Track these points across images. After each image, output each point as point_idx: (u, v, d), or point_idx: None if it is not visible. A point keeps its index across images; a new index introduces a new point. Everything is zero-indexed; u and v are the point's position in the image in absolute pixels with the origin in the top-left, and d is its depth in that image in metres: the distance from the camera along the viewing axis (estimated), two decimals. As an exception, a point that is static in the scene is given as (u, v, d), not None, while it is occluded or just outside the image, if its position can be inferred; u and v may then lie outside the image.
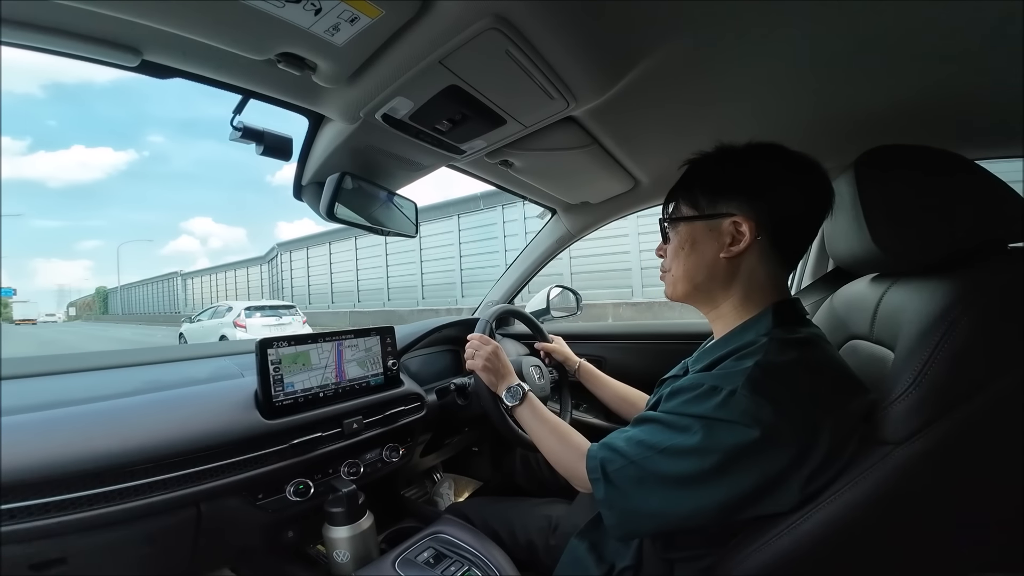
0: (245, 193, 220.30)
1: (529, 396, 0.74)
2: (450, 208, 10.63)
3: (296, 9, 0.46)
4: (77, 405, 0.60)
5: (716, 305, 0.59)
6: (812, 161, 0.55)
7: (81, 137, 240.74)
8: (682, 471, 0.47)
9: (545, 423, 0.69)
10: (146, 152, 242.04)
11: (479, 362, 0.79)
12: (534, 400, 0.74)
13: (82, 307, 48.24)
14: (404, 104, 0.65)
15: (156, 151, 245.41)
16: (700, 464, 0.46)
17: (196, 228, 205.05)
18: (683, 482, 0.47)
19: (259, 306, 9.59)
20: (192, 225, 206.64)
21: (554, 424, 0.69)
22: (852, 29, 0.56)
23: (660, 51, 0.60)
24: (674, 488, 0.48)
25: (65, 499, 0.51)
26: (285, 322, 9.15)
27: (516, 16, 0.50)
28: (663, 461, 0.48)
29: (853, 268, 0.65)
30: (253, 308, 9.42)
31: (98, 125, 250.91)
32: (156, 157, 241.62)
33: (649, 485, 0.49)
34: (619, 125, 0.82)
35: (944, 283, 0.49)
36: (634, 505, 0.50)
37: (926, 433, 0.44)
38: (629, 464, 0.51)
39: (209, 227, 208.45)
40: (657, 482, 0.49)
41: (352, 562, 0.71)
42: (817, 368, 0.50)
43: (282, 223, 61.09)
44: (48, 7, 0.44)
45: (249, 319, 9.00)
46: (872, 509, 0.45)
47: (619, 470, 0.51)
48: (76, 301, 62.18)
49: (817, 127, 0.81)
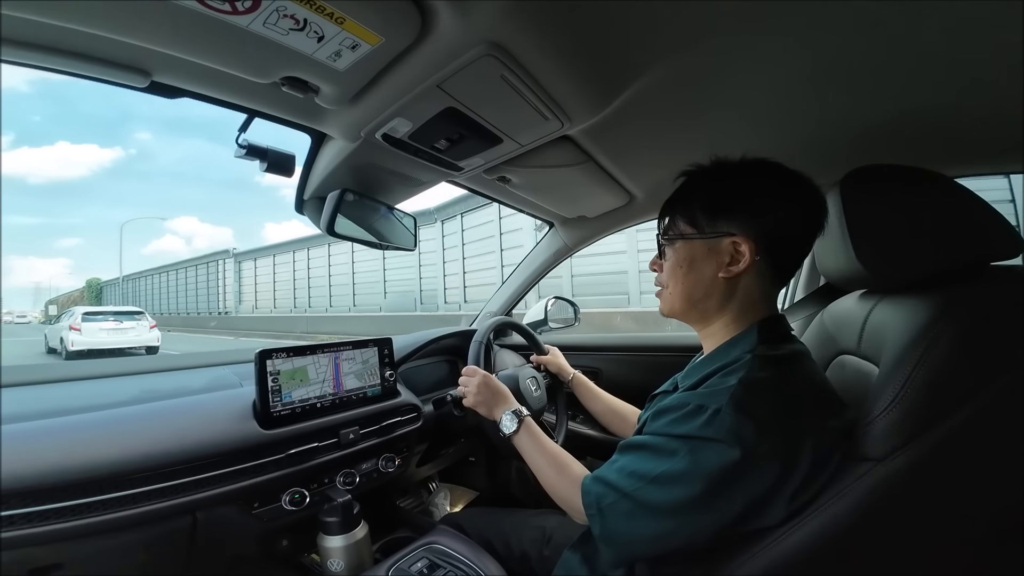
0: (232, 192, 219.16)
1: (526, 423, 0.72)
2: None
3: (300, 37, 0.48)
4: (76, 414, 0.61)
5: (709, 323, 0.60)
6: (807, 179, 0.55)
7: (66, 133, 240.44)
8: (673, 500, 0.47)
9: (543, 452, 0.68)
10: (132, 149, 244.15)
11: (470, 398, 0.79)
12: (532, 427, 0.72)
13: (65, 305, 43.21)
14: (403, 124, 0.67)
15: (143, 148, 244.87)
16: (689, 491, 0.47)
17: (180, 227, 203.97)
18: (675, 511, 0.48)
19: (100, 311, 10.01)
20: (176, 225, 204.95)
21: (552, 454, 0.67)
22: (843, 49, 0.58)
23: (652, 72, 0.62)
24: (667, 517, 0.48)
25: (64, 506, 0.52)
26: (126, 327, 9.54)
27: (510, 43, 0.52)
28: (654, 491, 0.49)
29: (841, 284, 0.67)
30: (93, 313, 9.78)
31: (84, 121, 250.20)
32: (142, 155, 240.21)
33: (643, 516, 0.49)
34: (613, 143, 0.84)
35: (926, 300, 0.50)
36: (630, 538, 0.51)
37: (907, 450, 0.44)
38: (622, 498, 0.51)
39: (194, 226, 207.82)
40: (651, 513, 0.49)
41: (346, 571, 0.71)
42: (796, 385, 0.50)
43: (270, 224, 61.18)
44: (63, 31, 0.47)
45: (85, 323, 9.22)
46: (855, 524, 0.46)
47: (613, 504, 0.52)
48: (57, 299, 53.23)
49: (808, 143, 0.83)
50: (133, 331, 9.60)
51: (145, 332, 9.76)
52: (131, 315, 10.10)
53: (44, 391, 0.75)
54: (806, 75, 0.64)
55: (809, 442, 0.46)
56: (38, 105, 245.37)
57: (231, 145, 0.71)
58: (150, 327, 9.93)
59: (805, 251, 0.58)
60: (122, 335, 9.45)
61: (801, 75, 0.64)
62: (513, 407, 0.75)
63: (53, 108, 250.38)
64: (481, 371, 0.82)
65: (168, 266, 28.82)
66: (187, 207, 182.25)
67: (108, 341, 9.19)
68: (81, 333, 9.06)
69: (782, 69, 0.62)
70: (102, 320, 9.54)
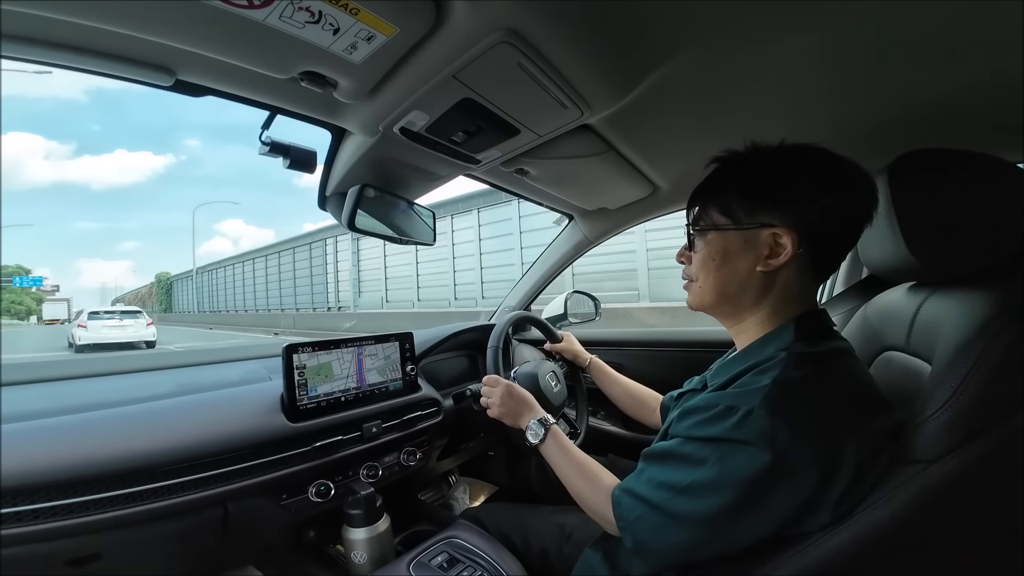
0: (274, 195, 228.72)
1: (552, 431, 0.70)
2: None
3: (316, 29, 0.48)
4: (117, 407, 0.64)
5: (742, 318, 0.57)
6: (856, 164, 0.51)
7: (123, 141, 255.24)
8: (704, 510, 0.46)
9: (571, 461, 0.66)
10: (183, 156, 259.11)
11: (495, 410, 0.78)
12: (559, 436, 0.70)
13: (132, 302, 40.32)
14: (420, 117, 0.67)
15: (192, 155, 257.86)
16: (721, 500, 0.44)
17: (228, 229, 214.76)
18: (707, 521, 0.46)
19: (105, 311, 12.18)
20: (224, 227, 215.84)
21: (580, 463, 0.65)
22: (881, 28, 0.53)
23: (677, 57, 0.59)
24: (700, 528, 0.46)
25: (102, 497, 0.54)
26: (126, 324, 11.45)
27: (527, 29, 0.50)
28: (685, 502, 0.47)
29: (888, 277, 0.63)
30: (98, 312, 11.88)
31: (139, 130, 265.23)
32: (192, 161, 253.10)
33: (675, 527, 0.48)
34: (636, 131, 0.81)
35: (985, 294, 0.47)
36: (664, 548, 0.50)
37: (961, 452, 0.42)
38: (652, 510, 0.49)
39: (240, 228, 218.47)
40: (682, 523, 0.47)
41: (369, 563, 0.72)
42: (836, 384, 0.47)
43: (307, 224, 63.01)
44: (89, 30, 0.48)
45: (91, 321, 11.18)
46: (899, 530, 0.43)
47: (642, 517, 0.50)
48: (123, 296, 56.18)
49: (846, 129, 0.77)
50: (132, 327, 11.29)
51: (142, 328, 11.49)
52: (131, 314, 12.14)
53: (89, 384, 0.79)
54: (853, 54, 0.59)
55: (852, 446, 0.43)
56: (96, 115, 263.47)
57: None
58: (147, 324, 11.77)
59: (851, 243, 0.54)
60: (122, 331, 11.13)
61: (846, 54, 0.59)
62: (539, 415, 0.73)
63: (109, 117, 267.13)
64: (503, 380, 0.81)
65: (253, 252, 22.19)
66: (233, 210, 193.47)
67: (110, 336, 10.79)
68: (87, 330, 10.78)
69: (827, 48, 0.58)
70: (107, 318, 11.43)
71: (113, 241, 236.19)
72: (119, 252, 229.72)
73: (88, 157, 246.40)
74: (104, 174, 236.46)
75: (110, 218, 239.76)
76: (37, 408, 0.61)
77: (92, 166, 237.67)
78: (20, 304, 54.47)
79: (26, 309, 54.14)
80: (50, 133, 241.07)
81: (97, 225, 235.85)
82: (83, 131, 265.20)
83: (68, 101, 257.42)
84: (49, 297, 50.67)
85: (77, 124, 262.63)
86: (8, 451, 0.51)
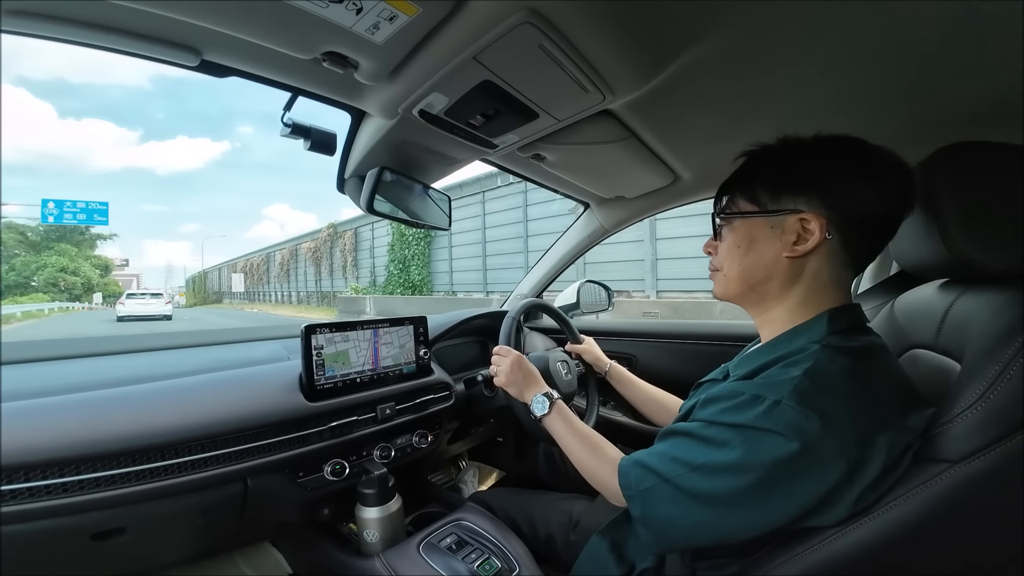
0: (317, 181, 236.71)
1: (558, 405, 0.71)
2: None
3: (339, 9, 0.48)
4: (151, 382, 0.66)
5: (768, 308, 0.56)
6: (895, 155, 0.49)
7: (185, 128, 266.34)
8: (720, 489, 0.45)
9: (576, 434, 0.67)
10: (238, 143, 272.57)
11: (502, 378, 0.78)
12: (563, 409, 0.71)
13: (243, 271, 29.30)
14: (440, 100, 0.66)
15: (245, 141, 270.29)
16: (739, 482, 0.44)
17: (275, 214, 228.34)
18: (722, 501, 0.45)
19: (139, 292, 18.45)
20: (271, 211, 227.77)
21: (585, 435, 0.66)
22: (927, 12, 0.50)
23: (707, 40, 0.57)
24: (710, 507, 0.46)
25: (128, 472, 0.55)
26: (150, 302, 16.59)
27: (550, 9, 0.49)
28: (699, 479, 0.46)
29: (920, 273, 0.60)
30: (134, 293, 18.04)
31: (199, 117, 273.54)
32: (245, 147, 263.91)
33: (685, 504, 0.47)
34: (660, 118, 0.79)
35: (1020, 294, 0.45)
36: (670, 523, 0.49)
37: (989, 452, 0.40)
38: (662, 483, 0.49)
39: (286, 213, 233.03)
40: (693, 501, 0.46)
41: (380, 542, 0.74)
42: (873, 380, 0.46)
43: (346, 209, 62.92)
44: (117, 8, 0.48)
45: (128, 300, 16.73)
46: (919, 529, 0.42)
47: (651, 489, 0.50)
48: (196, 276, 41.69)
49: (886, 121, 0.74)
50: (154, 305, 16.39)
51: (162, 306, 16.55)
52: (156, 295, 17.88)
53: (124, 360, 0.81)
54: (891, 45, 0.56)
55: (884, 441, 0.43)
56: (160, 103, 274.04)
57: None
58: (165, 303, 17.13)
59: (889, 234, 0.52)
60: (146, 307, 16.14)
61: (889, 43, 0.56)
62: (544, 390, 0.74)
63: (171, 105, 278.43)
64: (514, 351, 0.81)
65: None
66: (280, 195, 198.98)
67: (139, 310, 15.87)
68: (125, 306, 16.18)
69: (872, 36, 0.55)
70: (139, 298, 16.86)
71: (174, 223, 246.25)
72: (180, 234, 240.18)
73: (154, 143, 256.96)
74: (168, 160, 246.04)
75: (171, 201, 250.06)
76: (77, 382, 0.63)
77: (158, 151, 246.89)
78: (75, 275, 31.21)
79: (83, 282, 31.53)
80: (120, 120, 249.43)
81: (161, 208, 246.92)
82: (149, 118, 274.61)
83: (135, 89, 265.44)
84: (118, 271, 38.21)
85: (143, 111, 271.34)
86: (36, 425, 0.52)
